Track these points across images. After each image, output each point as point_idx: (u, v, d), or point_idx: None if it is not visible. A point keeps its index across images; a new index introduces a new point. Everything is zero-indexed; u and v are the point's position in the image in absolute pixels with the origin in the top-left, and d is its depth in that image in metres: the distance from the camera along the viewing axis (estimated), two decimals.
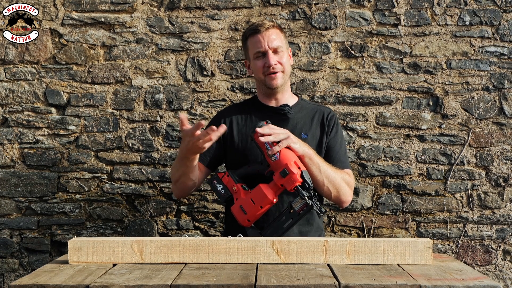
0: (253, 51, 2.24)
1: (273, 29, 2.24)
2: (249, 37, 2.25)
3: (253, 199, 2.02)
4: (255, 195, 2.02)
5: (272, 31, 2.23)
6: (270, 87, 2.24)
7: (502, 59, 2.75)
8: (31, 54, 2.77)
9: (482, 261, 2.77)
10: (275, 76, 2.22)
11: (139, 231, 2.77)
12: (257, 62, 2.23)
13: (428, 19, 2.74)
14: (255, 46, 2.23)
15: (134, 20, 2.76)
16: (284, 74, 2.24)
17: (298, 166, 1.98)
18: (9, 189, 2.78)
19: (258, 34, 2.22)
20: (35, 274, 1.64)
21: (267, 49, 2.20)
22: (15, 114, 2.78)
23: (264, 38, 2.21)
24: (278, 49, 2.22)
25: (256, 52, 2.23)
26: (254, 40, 2.23)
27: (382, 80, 2.75)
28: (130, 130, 2.78)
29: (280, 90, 2.27)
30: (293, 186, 1.96)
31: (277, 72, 2.22)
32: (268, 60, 2.20)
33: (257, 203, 2.01)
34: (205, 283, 1.52)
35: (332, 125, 2.28)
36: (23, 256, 2.79)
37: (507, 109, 2.75)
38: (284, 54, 2.24)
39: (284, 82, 2.26)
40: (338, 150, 2.26)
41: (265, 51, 2.21)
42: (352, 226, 2.78)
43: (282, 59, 2.22)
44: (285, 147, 2.02)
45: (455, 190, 2.76)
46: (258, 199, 2.01)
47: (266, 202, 2.00)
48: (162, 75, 2.77)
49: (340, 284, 1.51)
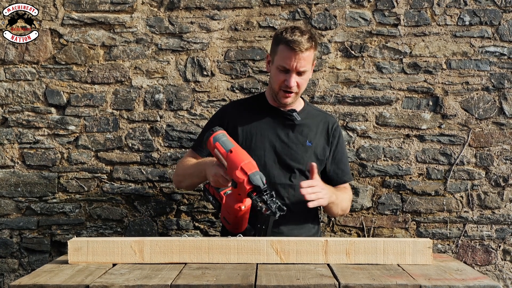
0: (279, 62, 2.17)
1: (308, 52, 2.14)
2: (282, 45, 2.16)
3: (227, 209, 2.01)
4: (226, 206, 2.01)
5: (307, 53, 2.14)
6: (279, 102, 2.24)
7: (502, 59, 2.75)
8: (31, 54, 2.77)
9: (482, 261, 2.77)
10: (289, 95, 2.20)
11: (139, 231, 2.77)
12: (279, 74, 2.18)
13: (428, 19, 2.74)
14: (283, 60, 2.15)
15: (134, 20, 2.76)
16: (298, 94, 2.23)
17: (245, 171, 1.85)
18: (9, 189, 2.78)
19: (291, 52, 2.13)
20: (35, 274, 1.64)
21: (293, 70, 2.15)
22: (15, 114, 2.77)
23: (296, 59, 2.13)
24: (304, 72, 2.17)
25: (281, 65, 2.16)
26: (285, 53, 2.14)
27: (382, 80, 2.75)
28: (130, 130, 2.78)
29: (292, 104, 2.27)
30: (245, 194, 1.87)
31: (292, 92, 2.20)
32: (289, 80, 2.16)
33: (231, 214, 1.98)
34: (205, 283, 1.52)
35: (337, 136, 2.33)
36: (23, 256, 2.79)
37: (507, 109, 2.75)
38: (306, 75, 2.20)
39: (295, 100, 2.25)
40: (346, 162, 2.37)
41: (290, 70, 2.16)
42: (352, 226, 2.78)
43: (302, 80, 2.19)
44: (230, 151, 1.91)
45: (455, 190, 2.76)
46: (229, 210, 1.99)
47: (234, 211, 1.95)
48: (162, 75, 2.77)
49: (340, 284, 1.51)
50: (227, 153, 1.90)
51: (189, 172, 2.24)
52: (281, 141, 2.24)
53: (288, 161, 2.23)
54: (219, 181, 1.98)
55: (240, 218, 1.97)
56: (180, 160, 2.37)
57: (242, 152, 1.91)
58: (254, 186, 1.84)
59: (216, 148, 1.94)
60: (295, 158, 2.23)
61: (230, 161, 1.88)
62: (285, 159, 2.23)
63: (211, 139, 1.96)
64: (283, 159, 2.23)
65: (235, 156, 1.88)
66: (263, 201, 1.84)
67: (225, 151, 1.91)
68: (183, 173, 2.29)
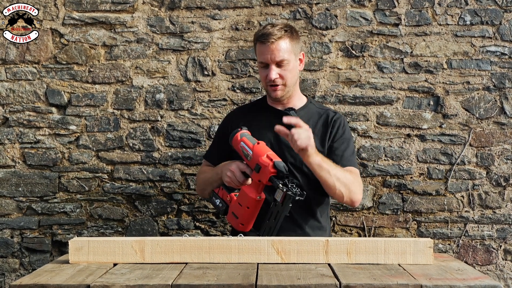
0: (258, 59, 2.25)
1: (280, 40, 2.17)
2: (257, 42, 2.24)
3: (239, 202, 2.05)
4: (240, 198, 2.05)
5: (279, 43, 2.17)
6: (272, 98, 2.27)
7: (503, 58, 2.74)
8: (32, 54, 2.77)
9: (483, 261, 2.77)
10: (276, 88, 2.22)
11: (139, 231, 2.77)
12: (261, 71, 2.25)
13: (429, 18, 2.74)
14: (260, 55, 2.22)
15: (135, 20, 2.76)
16: (286, 86, 2.23)
17: (270, 158, 1.98)
18: (10, 189, 2.78)
19: (263, 45, 2.19)
20: (36, 274, 1.64)
21: (269, 62, 2.18)
22: (16, 114, 2.78)
23: (269, 51, 2.17)
24: (283, 62, 2.18)
25: (260, 61, 2.23)
26: (260, 49, 2.21)
27: (383, 79, 2.75)
28: (130, 130, 2.78)
29: (285, 98, 2.27)
30: (267, 178, 1.96)
31: (277, 85, 2.21)
32: (269, 73, 2.19)
33: (243, 205, 2.03)
34: (206, 283, 1.52)
35: (336, 126, 2.26)
36: (24, 256, 2.79)
37: (508, 108, 2.75)
38: (288, 66, 2.20)
39: (287, 92, 2.25)
40: (345, 149, 2.24)
41: (268, 63, 2.19)
42: (352, 226, 2.78)
43: (285, 72, 2.19)
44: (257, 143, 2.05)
45: (456, 190, 2.76)
46: (243, 201, 2.04)
47: (250, 201, 2.01)
48: (163, 75, 2.77)
49: (341, 284, 1.51)
50: (254, 145, 2.05)
51: (208, 178, 2.29)
52: (279, 140, 2.23)
53: (284, 158, 2.21)
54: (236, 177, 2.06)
55: (251, 211, 2.02)
56: (198, 172, 2.47)
57: (266, 146, 2.07)
58: (278, 171, 1.95)
59: (242, 142, 2.09)
60: (291, 155, 2.22)
61: (257, 150, 2.02)
62: (281, 157, 2.19)
63: (238, 135, 2.12)
64: (279, 157, 2.20)
65: (262, 147, 2.04)
66: (284, 184, 1.94)
67: (251, 144, 2.06)
68: (203, 182, 2.34)
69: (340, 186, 2.11)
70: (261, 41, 2.19)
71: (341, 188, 2.12)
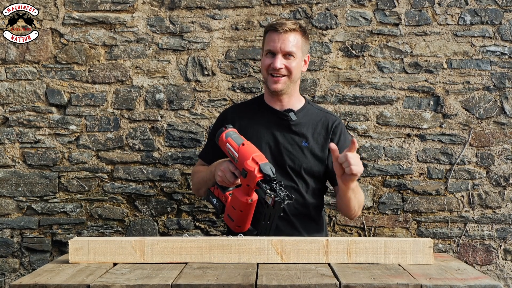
0: (265, 47, 2.22)
1: (293, 33, 2.18)
2: (268, 31, 2.22)
3: (233, 205, 2.02)
4: (233, 201, 2.02)
5: (291, 35, 2.17)
6: (270, 89, 2.22)
7: (503, 58, 2.74)
8: (32, 53, 2.77)
9: (483, 261, 2.77)
10: (277, 79, 2.19)
11: (139, 231, 2.77)
12: (265, 59, 2.21)
13: (429, 18, 2.74)
14: (268, 43, 2.20)
15: (134, 20, 2.76)
16: (289, 80, 2.20)
17: (256, 161, 1.92)
18: (10, 189, 2.78)
19: (275, 33, 2.18)
20: (36, 273, 1.64)
21: (278, 51, 2.17)
22: (15, 114, 2.78)
23: (279, 40, 2.16)
24: (291, 54, 2.17)
25: (267, 49, 2.20)
26: (270, 37, 2.20)
27: (383, 79, 2.75)
28: (130, 130, 2.78)
29: (285, 94, 2.24)
30: (254, 183, 1.91)
31: (280, 76, 2.19)
32: (274, 61, 2.17)
33: (237, 208, 2.00)
34: (206, 283, 1.52)
35: (337, 133, 2.25)
36: (24, 255, 2.79)
37: (508, 108, 2.75)
38: (294, 60, 2.19)
39: (287, 87, 2.22)
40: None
41: (275, 52, 2.18)
42: (352, 226, 2.78)
43: (290, 64, 2.18)
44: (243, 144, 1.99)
45: (455, 190, 2.76)
46: (236, 204, 2.01)
47: (242, 205, 1.98)
48: (162, 75, 2.77)
49: (341, 284, 1.51)
50: (239, 146, 1.98)
51: (202, 178, 2.27)
52: (277, 142, 2.22)
53: (283, 161, 2.21)
54: (226, 177, 2.02)
55: (245, 213, 1.99)
56: (192, 171, 2.45)
57: (253, 146, 2.00)
58: (264, 175, 1.89)
59: (228, 143, 2.02)
60: (290, 158, 2.21)
61: (242, 153, 1.96)
62: (280, 160, 2.20)
63: (223, 135, 2.05)
64: (278, 160, 2.20)
65: (247, 148, 1.97)
66: (272, 189, 1.88)
67: (237, 145, 1.99)
68: (198, 181, 2.32)
69: (355, 207, 2.19)
70: (274, 29, 2.18)
71: (355, 209, 2.20)
